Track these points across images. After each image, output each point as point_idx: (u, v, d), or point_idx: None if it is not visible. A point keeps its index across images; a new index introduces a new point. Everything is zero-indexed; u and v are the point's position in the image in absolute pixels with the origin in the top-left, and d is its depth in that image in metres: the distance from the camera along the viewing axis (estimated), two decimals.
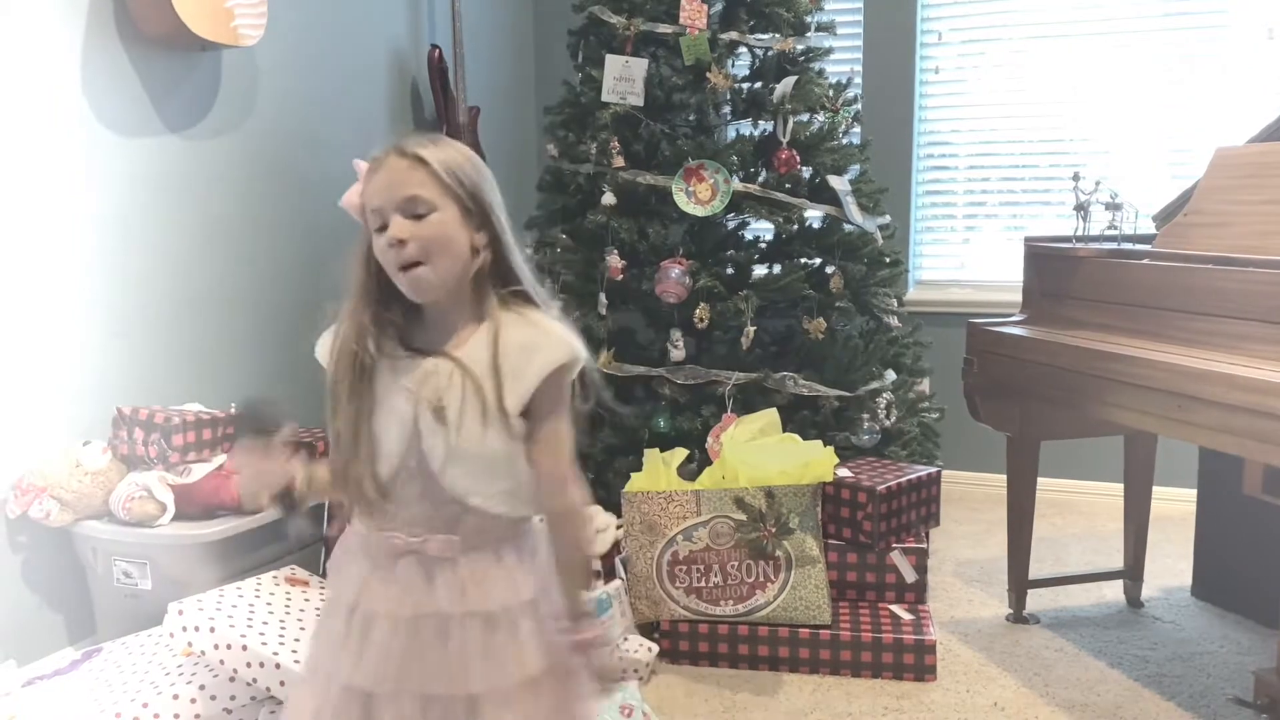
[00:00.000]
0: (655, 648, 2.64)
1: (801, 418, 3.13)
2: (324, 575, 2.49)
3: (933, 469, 2.97)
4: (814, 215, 3.36)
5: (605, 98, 3.30)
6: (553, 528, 1.40)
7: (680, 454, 2.87)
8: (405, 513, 1.35)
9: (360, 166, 1.41)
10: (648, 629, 2.73)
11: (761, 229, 3.52)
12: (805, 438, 2.94)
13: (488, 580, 1.36)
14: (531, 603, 1.38)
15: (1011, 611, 2.94)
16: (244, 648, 2.02)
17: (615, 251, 3.25)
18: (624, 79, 3.28)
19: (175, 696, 1.99)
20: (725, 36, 3.30)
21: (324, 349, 1.43)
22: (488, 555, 1.37)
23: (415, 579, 1.35)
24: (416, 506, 1.35)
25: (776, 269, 3.37)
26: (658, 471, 2.79)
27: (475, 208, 1.33)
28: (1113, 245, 2.70)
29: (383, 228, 1.32)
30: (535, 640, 1.37)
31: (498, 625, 1.35)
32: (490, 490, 1.34)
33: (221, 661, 2.03)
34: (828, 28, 3.49)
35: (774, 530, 2.64)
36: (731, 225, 3.44)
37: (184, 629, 2.10)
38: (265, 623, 2.11)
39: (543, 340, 1.34)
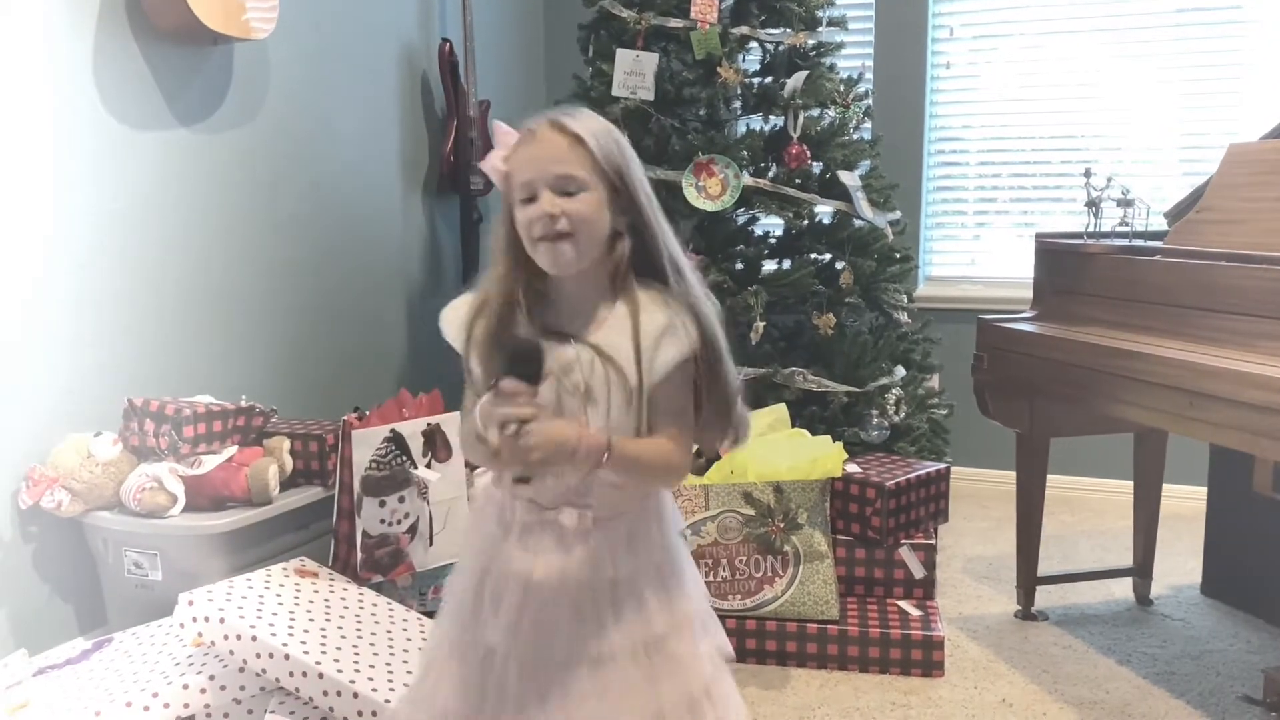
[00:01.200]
0: None
1: (810, 413, 3.13)
2: (332, 567, 2.50)
3: (942, 465, 2.96)
4: (824, 211, 3.35)
5: (615, 92, 3.30)
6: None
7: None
8: (531, 486, 1.38)
9: (502, 129, 1.41)
10: None
11: (771, 224, 3.51)
12: (814, 433, 2.93)
13: (617, 549, 1.39)
14: (658, 568, 1.42)
15: (1020, 608, 2.94)
16: (254, 638, 2.03)
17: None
18: (634, 73, 3.28)
19: (185, 686, 1.99)
20: (736, 31, 3.30)
21: (453, 319, 1.41)
22: (618, 525, 1.39)
23: (548, 546, 1.38)
24: (550, 479, 1.37)
25: (786, 264, 3.37)
26: None
27: (624, 190, 1.35)
28: (1124, 242, 2.69)
29: (529, 199, 1.32)
30: (661, 606, 1.40)
31: (624, 592, 1.38)
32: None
33: (231, 652, 2.04)
34: (839, 23, 3.48)
35: (782, 525, 2.64)
36: (741, 220, 3.43)
37: (194, 619, 2.11)
38: (275, 614, 2.12)
39: (678, 327, 1.34)
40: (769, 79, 3.41)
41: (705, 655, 1.47)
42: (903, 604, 2.73)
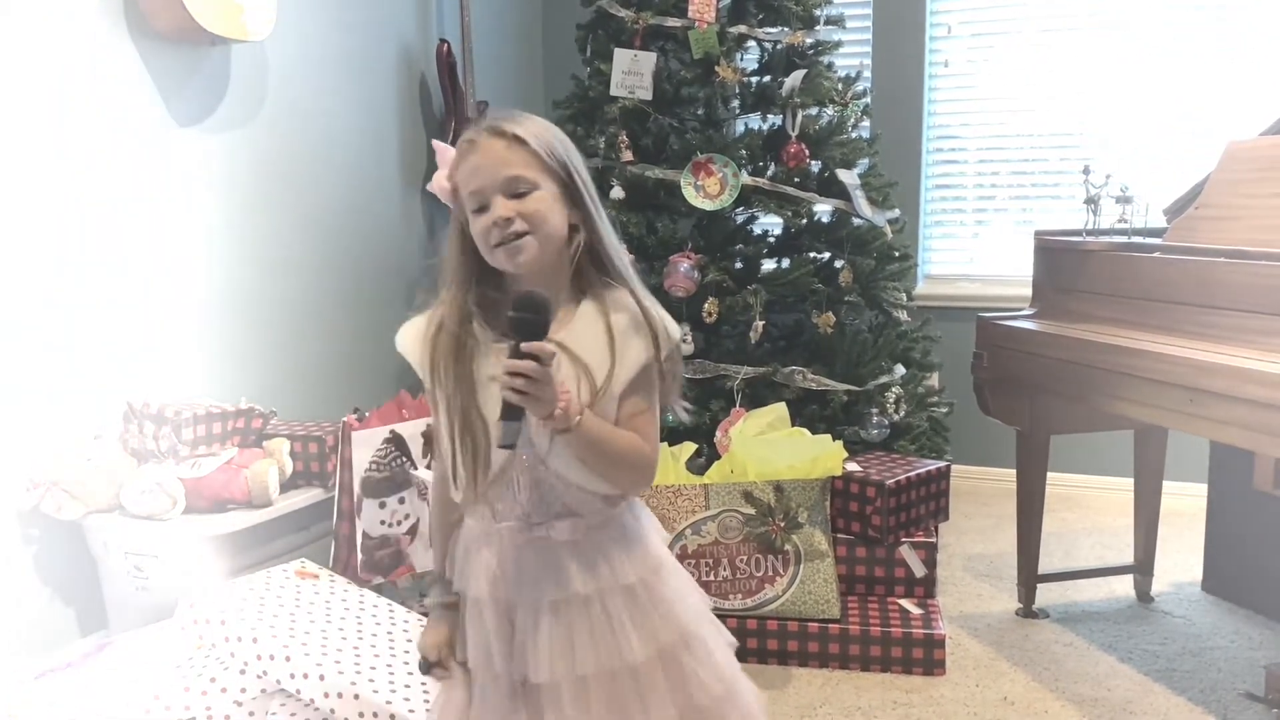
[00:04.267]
0: None
1: (810, 412, 3.12)
2: (332, 569, 2.50)
3: (942, 463, 2.96)
4: (823, 209, 3.35)
5: (614, 92, 3.30)
6: None
7: (689, 448, 2.87)
8: (520, 499, 1.36)
9: (440, 147, 1.41)
10: None
11: (770, 223, 3.51)
12: (814, 432, 2.93)
13: (615, 555, 1.38)
14: (659, 565, 1.42)
15: (1021, 606, 2.94)
16: (254, 640, 2.02)
17: (623, 246, 3.24)
18: (632, 73, 3.28)
19: (186, 689, 1.99)
20: (734, 30, 3.30)
21: (409, 339, 1.41)
22: (611, 530, 1.39)
23: (546, 566, 1.36)
24: (529, 492, 1.36)
25: (785, 263, 3.37)
26: (666, 465, 2.79)
27: (571, 186, 1.34)
28: (1123, 239, 2.69)
29: (481, 208, 1.32)
30: (674, 600, 1.40)
31: (636, 595, 1.38)
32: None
33: (232, 654, 2.04)
34: (837, 21, 3.48)
35: (783, 524, 2.64)
36: (740, 219, 3.43)
37: (195, 622, 2.11)
38: (275, 616, 2.11)
39: (645, 323, 1.34)
40: (767, 78, 3.41)
41: (717, 654, 1.46)
42: (904, 602, 2.73)
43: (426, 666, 1.45)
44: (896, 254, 3.45)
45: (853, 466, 2.86)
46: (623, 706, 1.36)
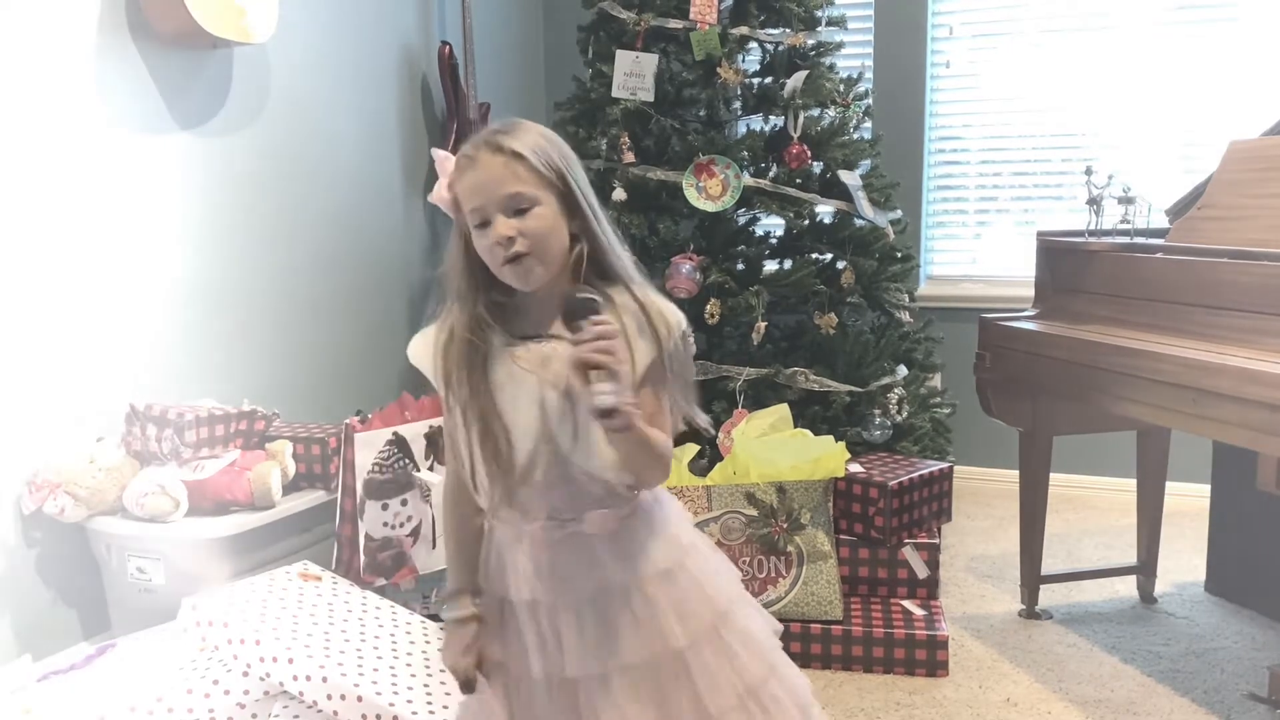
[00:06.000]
0: None
1: (813, 413, 3.12)
2: (335, 571, 2.50)
3: (945, 464, 2.96)
4: (825, 210, 3.35)
5: (615, 93, 3.30)
6: None
7: (691, 449, 2.87)
8: (547, 497, 1.37)
9: (440, 156, 1.41)
10: None
11: (772, 224, 3.51)
12: (816, 433, 2.93)
13: (649, 542, 1.39)
14: (692, 545, 1.43)
15: (1024, 607, 2.94)
16: (257, 642, 2.03)
17: (624, 244, 3.23)
18: (634, 74, 3.28)
19: (189, 691, 1.99)
20: (736, 31, 3.29)
21: (421, 349, 1.41)
22: (640, 517, 1.40)
23: (582, 560, 1.37)
24: (557, 490, 1.36)
25: (787, 264, 3.36)
26: None
27: (569, 195, 1.34)
28: (1126, 239, 2.68)
29: (483, 224, 1.32)
30: (710, 579, 1.42)
31: (675, 578, 1.39)
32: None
33: (235, 656, 2.04)
34: (838, 22, 3.48)
35: (785, 526, 2.64)
36: (742, 220, 3.43)
37: (197, 624, 2.11)
38: (278, 618, 2.11)
39: (654, 315, 1.35)
40: (769, 79, 3.41)
41: (756, 637, 1.46)
42: (906, 604, 2.72)
43: (469, 686, 1.43)
44: (899, 255, 3.45)
45: (855, 467, 2.86)
46: (671, 693, 1.37)
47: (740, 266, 3.29)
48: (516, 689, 1.41)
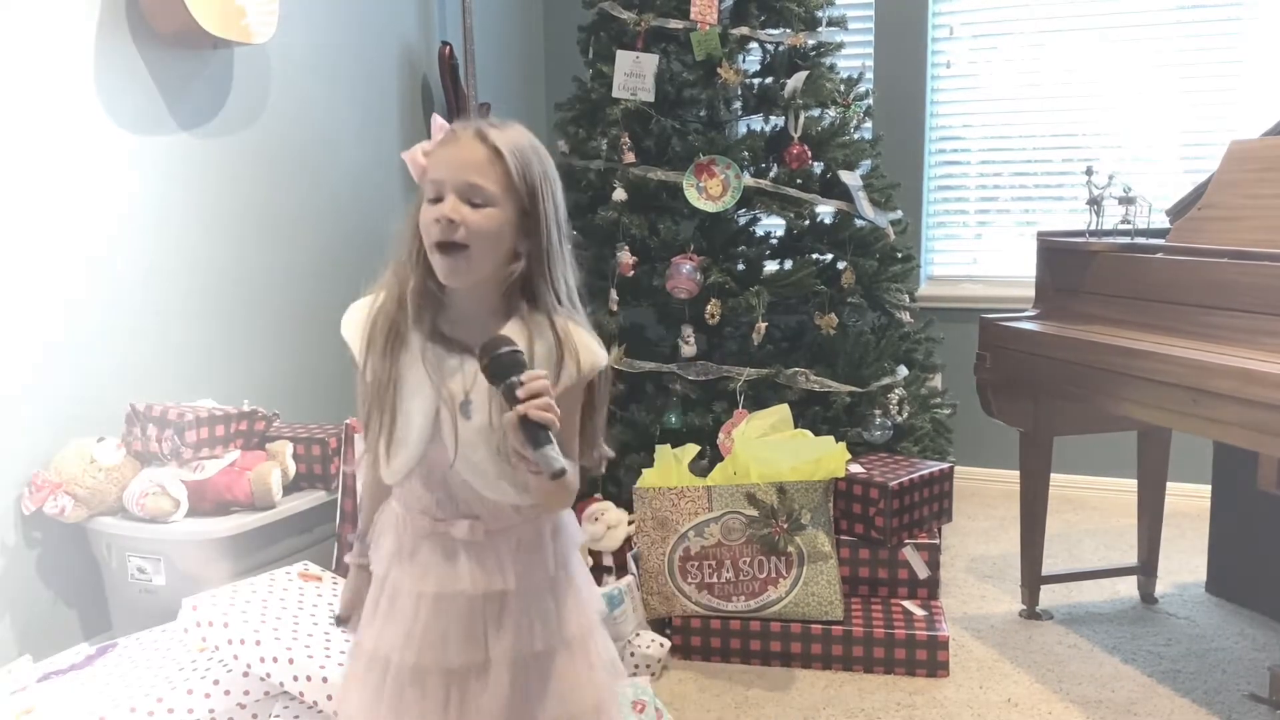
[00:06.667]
0: (667, 644, 2.64)
1: (813, 413, 3.12)
2: (335, 571, 2.50)
3: (945, 465, 2.96)
4: (825, 210, 3.35)
5: (616, 93, 3.30)
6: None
7: (692, 450, 2.87)
8: (426, 496, 1.38)
9: (439, 122, 1.41)
10: (659, 625, 2.73)
11: (773, 224, 3.51)
12: (817, 433, 2.93)
13: (509, 561, 1.38)
14: (552, 580, 1.42)
15: (1025, 607, 2.93)
16: (257, 643, 2.03)
17: (626, 248, 3.24)
18: (634, 74, 3.28)
19: (189, 691, 1.99)
20: (736, 32, 3.29)
21: (354, 321, 1.42)
22: (509, 538, 1.39)
23: (438, 558, 1.38)
24: (435, 490, 1.37)
25: (788, 264, 3.37)
26: (669, 467, 2.79)
27: (531, 213, 1.33)
28: (1126, 240, 2.68)
29: (436, 198, 1.31)
30: (546, 623, 1.40)
31: (509, 604, 1.38)
32: (502, 484, 1.35)
33: (235, 656, 2.04)
34: (839, 22, 3.48)
35: (786, 526, 2.64)
36: (743, 221, 3.43)
37: (198, 624, 2.11)
38: (279, 618, 2.11)
39: (571, 350, 1.34)
40: (769, 79, 3.41)
41: (598, 673, 1.46)
42: (907, 604, 2.72)
43: (340, 621, 1.51)
44: (899, 255, 3.45)
45: (856, 468, 2.86)
46: (477, 705, 1.37)
47: (741, 267, 3.29)
48: (384, 673, 1.41)
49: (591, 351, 1.36)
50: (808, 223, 3.29)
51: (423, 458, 1.35)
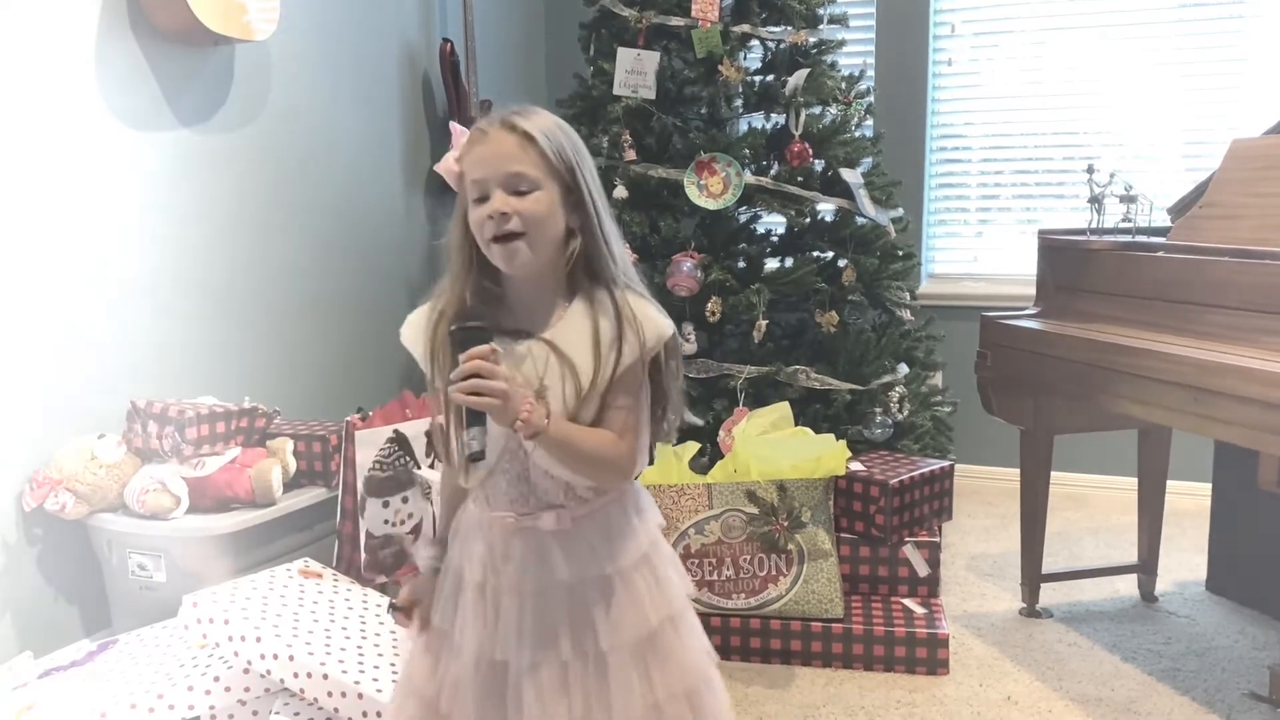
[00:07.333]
0: None
1: (813, 411, 3.12)
2: (335, 568, 2.50)
3: (945, 463, 2.96)
4: (826, 208, 3.35)
5: (617, 91, 3.29)
6: None
7: (692, 447, 2.87)
8: (507, 491, 1.39)
9: (458, 129, 1.43)
10: None
11: (773, 222, 3.51)
12: (817, 431, 2.93)
13: (600, 545, 1.40)
14: (645, 558, 1.44)
15: (1025, 605, 2.94)
16: (258, 640, 2.03)
17: (627, 245, 3.23)
18: (635, 72, 3.28)
19: (190, 688, 1.99)
20: (737, 29, 3.29)
21: (413, 329, 1.43)
22: (597, 521, 1.41)
23: (532, 554, 1.39)
24: (516, 485, 1.39)
25: (788, 262, 3.37)
26: (669, 465, 2.79)
27: (575, 190, 1.35)
28: (1127, 238, 2.68)
29: (482, 199, 1.32)
30: (652, 595, 1.42)
31: (614, 587, 1.40)
32: None
33: (236, 653, 2.04)
34: (840, 20, 3.48)
35: (786, 524, 2.64)
36: (743, 219, 3.43)
37: (198, 621, 2.11)
38: (279, 615, 2.12)
39: (634, 324, 1.35)
40: (770, 77, 3.41)
41: (702, 642, 1.49)
42: (907, 602, 2.72)
43: (393, 607, 1.50)
44: (900, 253, 3.45)
45: (856, 466, 2.86)
46: (588, 692, 1.39)
47: (741, 264, 3.29)
48: (449, 664, 1.43)
49: (655, 322, 1.38)
50: (808, 220, 3.29)
51: (503, 451, 1.37)
